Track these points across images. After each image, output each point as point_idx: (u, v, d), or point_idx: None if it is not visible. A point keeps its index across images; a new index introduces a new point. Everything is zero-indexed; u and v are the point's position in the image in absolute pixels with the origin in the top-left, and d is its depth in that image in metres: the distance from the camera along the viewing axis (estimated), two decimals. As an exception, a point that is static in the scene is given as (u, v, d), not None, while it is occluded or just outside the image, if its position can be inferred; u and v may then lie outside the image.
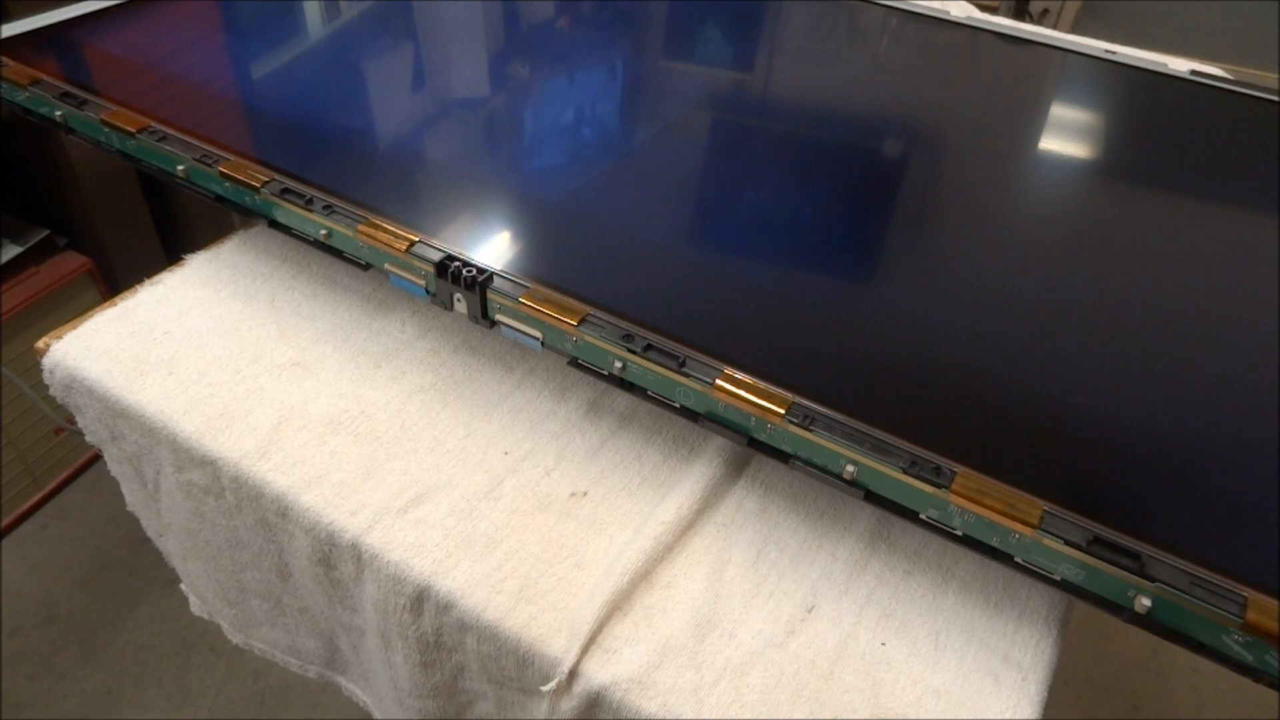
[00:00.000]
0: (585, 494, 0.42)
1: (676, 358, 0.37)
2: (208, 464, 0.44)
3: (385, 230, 0.43)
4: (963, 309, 0.42)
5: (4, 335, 0.99)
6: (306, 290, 0.52)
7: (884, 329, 0.40)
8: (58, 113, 0.52)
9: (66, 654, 1.00)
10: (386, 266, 0.44)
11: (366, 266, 0.45)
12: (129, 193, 1.13)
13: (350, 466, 0.43)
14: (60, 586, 1.06)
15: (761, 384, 0.36)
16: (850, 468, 0.35)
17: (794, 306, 0.41)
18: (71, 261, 1.06)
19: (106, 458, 0.52)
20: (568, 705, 0.36)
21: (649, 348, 0.38)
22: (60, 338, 0.49)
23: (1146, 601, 0.30)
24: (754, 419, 0.36)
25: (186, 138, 0.49)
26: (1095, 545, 0.31)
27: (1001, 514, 0.32)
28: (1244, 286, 0.45)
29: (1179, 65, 0.66)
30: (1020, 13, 1.70)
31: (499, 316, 0.42)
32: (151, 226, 1.17)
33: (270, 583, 0.49)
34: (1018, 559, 0.33)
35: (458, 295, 0.42)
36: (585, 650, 0.36)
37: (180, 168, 0.49)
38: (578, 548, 0.40)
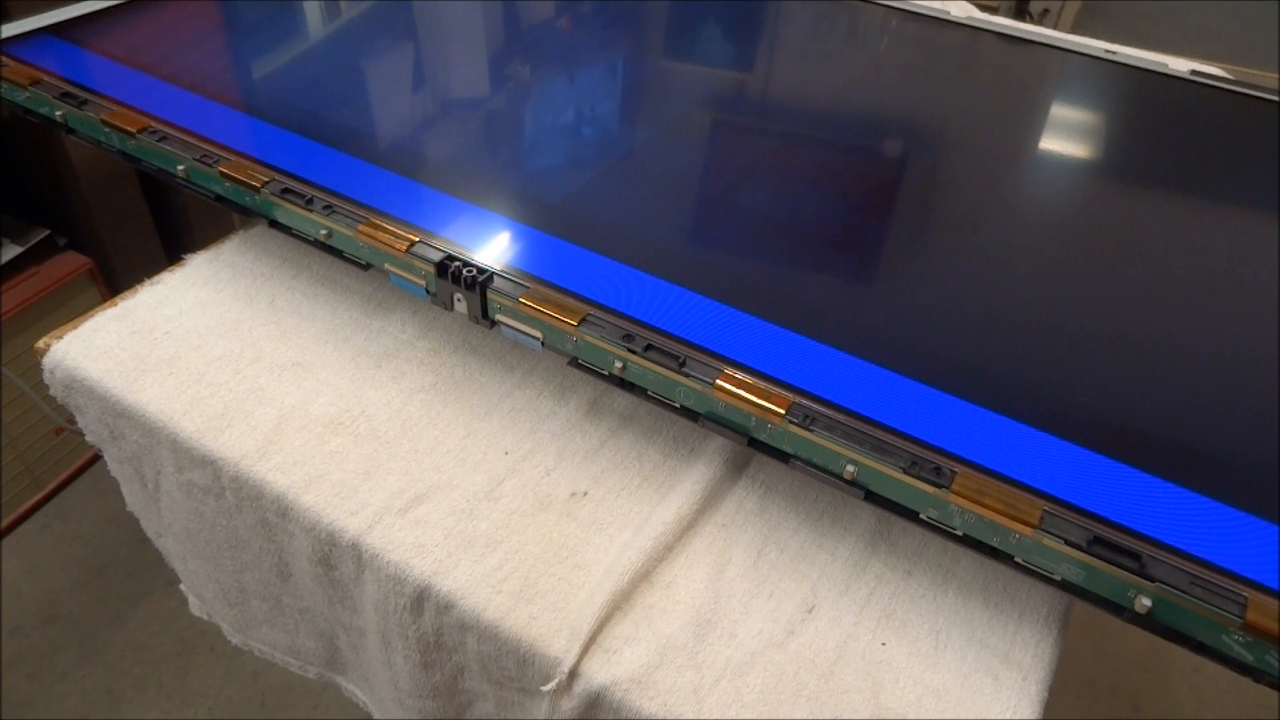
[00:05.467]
0: (585, 494, 0.42)
1: (676, 358, 0.37)
2: (208, 464, 0.44)
3: (385, 230, 0.43)
4: (963, 309, 0.42)
5: (4, 335, 0.99)
6: (307, 290, 0.52)
7: (884, 328, 0.40)
8: (58, 113, 0.52)
9: (66, 654, 1.00)
10: (386, 266, 0.44)
11: (366, 266, 0.45)
12: (129, 193, 1.13)
13: (350, 466, 0.43)
14: (60, 586, 1.06)
15: (761, 384, 0.36)
16: (850, 468, 0.35)
17: (794, 306, 0.41)
18: (71, 261, 1.06)
19: (106, 458, 0.52)
20: (568, 705, 0.36)
21: (649, 348, 0.38)
22: (60, 338, 0.49)
23: (1146, 601, 0.30)
24: (754, 419, 0.36)
25: (186, 138, 0.49)
26: (1095, 545, 0.31)
27: (1001, 514, 0.32)
28: (1244, 286, 0.45)
29: (1179, 65, 0.66)
30: (1020, 13, 1.70)
31: (499, 316, 0.42)
32: (151, 226, 1.17)
33: (270, 583, 0.49)
34: (1018, 559, 0.33)
35: (458, 295, 0.42)
36: (585, 650, 0.36)
37: (180, 168, 0.49)
38: (578, 548, 0.40)
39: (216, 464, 0.44)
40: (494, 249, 0.44)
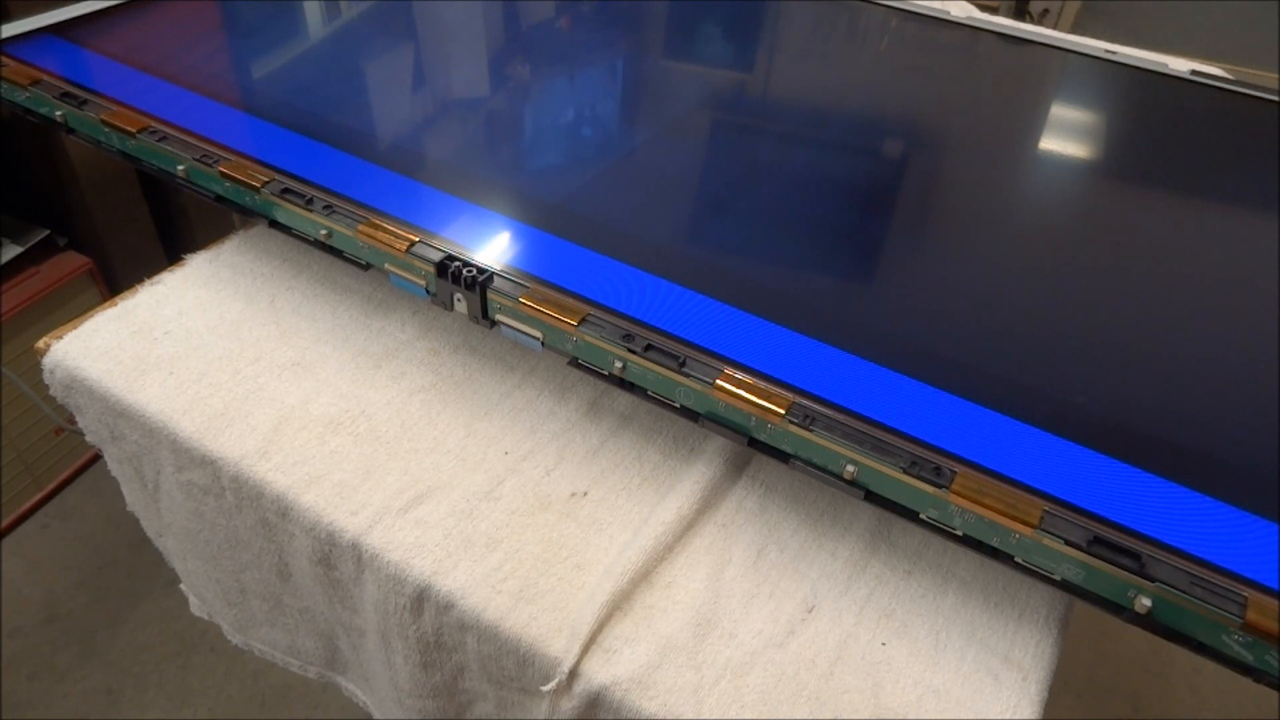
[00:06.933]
0: (585, 494, 0.42)
1: (676, 358, 0.37)
2: (208, 464, 0.44)
3: (385, 230, 0.43)
4: (963, 309, 0.42)
5: (4, 335, 0.99)
6: (307, 290, 0.52)
7: (884, 328, 0.40)
8: (58, 113, 0.52)
9: (66, 654, 1.00)
10: (386, 266, 0.44)
11: (366, 266, 0.45)
12: (129, 193, 1.13)
13: (350, 466, 0.43)
14: (60, 586, 1.06)
15: (761, 384, 0.36)
16: (850, 468, 0.35)
17: (794, 306, 0.41)
18: (71, 261, 1.06)
19: (106, 458, 0.52)
20: (568, 705, 0.36)
21: (649, 348, 0.38)
22: (60, 338, 0.49)
23: (1146, 601, 0.30)
24: (754, 419, 0.36)
25: (186, 138, 0.49)
26: (1095, 545, 0.31)
27: (1001, 514, 0.32)
28: (1244, 286, 0.45)
29: (1179, 65, 0.66)
30: (1020, 13, 1.70)
31: (499, 316, 0.42)
32: (151, 226, 1.17)
33: (270, 583, 0.49)
34: (1018, 559, 0.33)
35: (458, 295, 0.42)
36: (585, 650, 0.36)
37: (180, 168, 0.49)
38: (578, 548, 0.40)
39: (216, 464, 0.44)
40: (494, 249, 0.44)
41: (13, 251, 1.02)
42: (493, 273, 0.41)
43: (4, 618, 1.03)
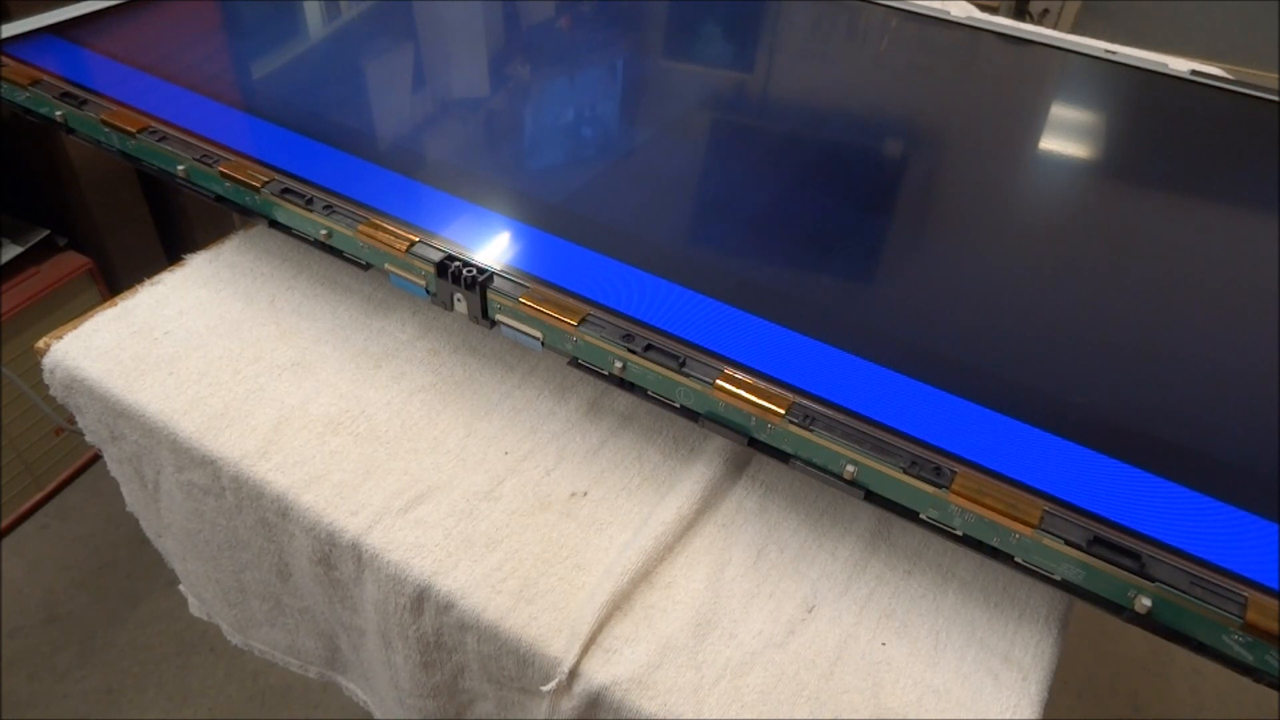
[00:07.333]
0: (585, 494, 0.42)
1: (676, 358, 0.37)
2: (208, 464, 0.44)
3: (385, 230, 0.43)
4: (963, 309, 0.42)
5: (4, 335, 0.99)
6: (307, 290, 0.52)
7: (884, 328, 0.40)
8: (58, 113, 0.52)
9: (66, 654, 1.00)
10: (386, 266, 0.44)
11: (366, 266, 0.45)
12: (129, 193, 1.13)
13: (350, 466, 0.43)
14: (60, 586, 1.06)
15: (761, 384, 0.36)
16: (850, 468, 0.35)
17: (794, 306, 0.41)
18: (71, 261, 1.06)
19: (106, 458, 0.52)
20: (568, 705, 0.36)
21: (649, 348, 0.38)
22: (60, 338, 0.49)
23: (1146, 601, 0.30)
24: (754, 419, 0.36)
25: (186, 138, 0.49)
26: (1095, 545, 0.31)
27: (1001, 514, 0.32)
28: (1243, 286, 0.45)
29: (1179, 65, 0.66)
30: (1020, 13, 1.70)
31: (499, 316, 0.42)
32: (151, 226, 1.17)
33: (270, 583, 0.49)
34: (1018, 559, 0.33)
35: (458, 295, 0.42)
36: (585, 650, 0.36)
37: (180, 168, 0.49)
38: (578, 548, 0.40)
39: (216, 464, 0.44)
40: (494, 249, 0.44)
41: (13, 251, 1.02)
42: (493, 273, 0.41)
43: (4, 618, 1.03)
